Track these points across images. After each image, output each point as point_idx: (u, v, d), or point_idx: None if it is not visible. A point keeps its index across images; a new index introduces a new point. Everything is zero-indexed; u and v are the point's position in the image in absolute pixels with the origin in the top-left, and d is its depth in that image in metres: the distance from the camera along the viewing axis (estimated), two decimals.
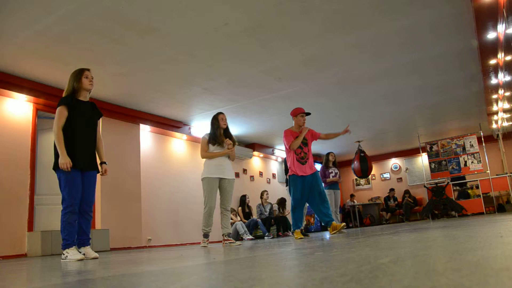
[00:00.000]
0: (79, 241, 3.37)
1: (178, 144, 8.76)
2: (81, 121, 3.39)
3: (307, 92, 7.19)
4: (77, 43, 4.85)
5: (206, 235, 4.65)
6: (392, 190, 12.85)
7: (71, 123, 3.34)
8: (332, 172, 7.48)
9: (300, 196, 4.92)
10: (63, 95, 3.48)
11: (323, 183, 5.76)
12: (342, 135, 5.33)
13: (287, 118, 8.87)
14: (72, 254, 3.17)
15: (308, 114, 5.16)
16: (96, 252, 3.52)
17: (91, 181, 3.45)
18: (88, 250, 3.37)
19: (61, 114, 3.31)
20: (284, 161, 6.61)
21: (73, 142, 3.32)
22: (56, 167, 3.31)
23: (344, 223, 5.07)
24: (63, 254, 3.23)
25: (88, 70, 3.52)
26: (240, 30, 4.80)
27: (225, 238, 4.66)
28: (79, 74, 3.45)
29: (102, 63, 5.39)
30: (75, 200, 3.26)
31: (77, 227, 3.33)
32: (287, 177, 6.21)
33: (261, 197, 9.32)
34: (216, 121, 4.78)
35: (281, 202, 9.52)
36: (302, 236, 4.93)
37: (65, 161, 3.22)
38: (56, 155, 3.31)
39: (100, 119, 3.69)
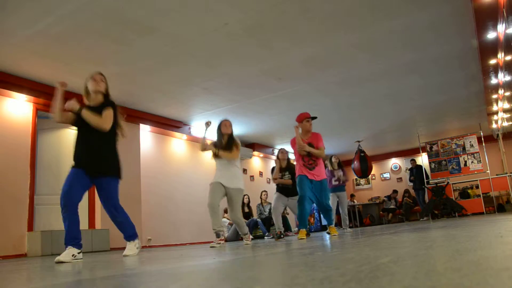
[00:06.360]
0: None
1: (178, 144, 8.75)
2: (82, 127, 3.24)
3: (307, 92, 7.19)
4: (77, 43, 4.85)
5: (217, 235, 4.49)
6: (395, 192, 12.76)
7: (77, 128, 3.31)
8: (335, 176, 7.46)
9: (306, 191, 4.77)
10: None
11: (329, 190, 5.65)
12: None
13: (287, 118, 8.96)
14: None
15: (314, 118, 5.08)
16: (96, 252, 3.49)
17: (106, 188, 3.26)
18: (127, 247, 3.43)
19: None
20: None
21: (76, 146, 3.25)
22: None
23: (335, 234, 4.93)
24: None
25: (99, 73, 3.45)
26: (240, 30, 4.80)
27: (243, 237, 4.74)
28: (88, 78, 3.40)
29: (102, 63, 5.38)
30: (65, 195, 3.05)
31: (72, 226, 3.11)
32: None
33: (261, 197, 9.31)
34: (219, 129, 4.71)
35: None
36: (304, 237, 4.70)
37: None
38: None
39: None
